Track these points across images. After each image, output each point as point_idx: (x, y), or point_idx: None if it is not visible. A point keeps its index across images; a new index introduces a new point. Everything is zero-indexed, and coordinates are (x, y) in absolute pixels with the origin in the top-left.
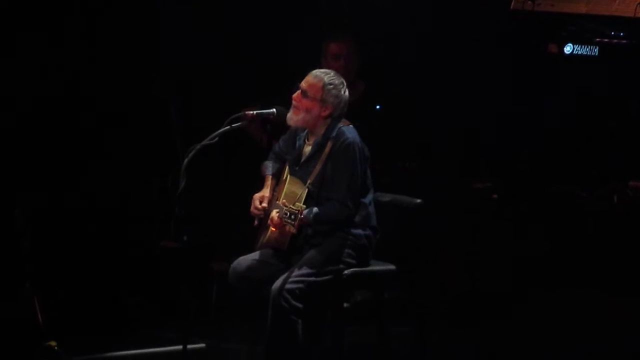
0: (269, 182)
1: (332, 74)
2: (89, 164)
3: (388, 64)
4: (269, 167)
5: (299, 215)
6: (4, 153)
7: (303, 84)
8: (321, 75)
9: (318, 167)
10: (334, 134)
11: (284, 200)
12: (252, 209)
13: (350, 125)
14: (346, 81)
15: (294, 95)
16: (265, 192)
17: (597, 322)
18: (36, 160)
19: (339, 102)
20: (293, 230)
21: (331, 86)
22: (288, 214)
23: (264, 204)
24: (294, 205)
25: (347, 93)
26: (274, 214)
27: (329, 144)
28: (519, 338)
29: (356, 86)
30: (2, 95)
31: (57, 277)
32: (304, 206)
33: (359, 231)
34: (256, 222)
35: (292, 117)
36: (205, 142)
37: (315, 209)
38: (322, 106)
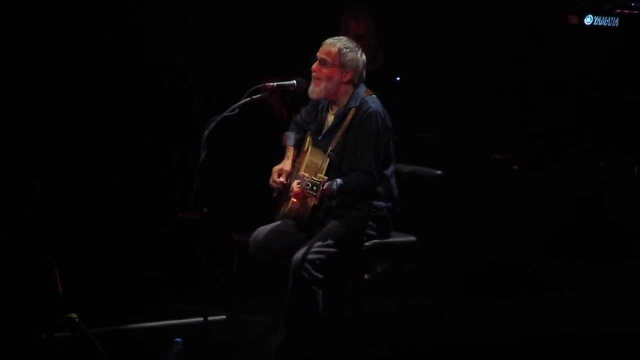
0: (289, 152)
1: (345, 39)
2: (110, 134)
3: (406, 35)
4: (290, 137)
5: (321, 187)
6: (22, 124)
7: (319, 54)
8: (335, 42)
9: (339, 135)
10: (357, 103)
11: (305, 173)
12: (270, 181)
13: (374, 95)
14: (368, 56)
15: (313, 67)
16: (285, 164)
17: (617, 293)
18: (55, 131)
19: (357, 65)
20: (315, 201)
21: (347, 49)
22: (310, 185)
23: (282, 179)
24: (315, 176)
25: (363, 56)
26: (295, 185)
27: (351, 113)
28: (540, 310)
29: (376, 58)
30: (19, 66)
31: (78, 248)
32: (326, 177)
33: (381, 203)
34: (275, 194)
35: (314, 90)
36: (226, 113)
37: (338, 180)
38: (343, 71)
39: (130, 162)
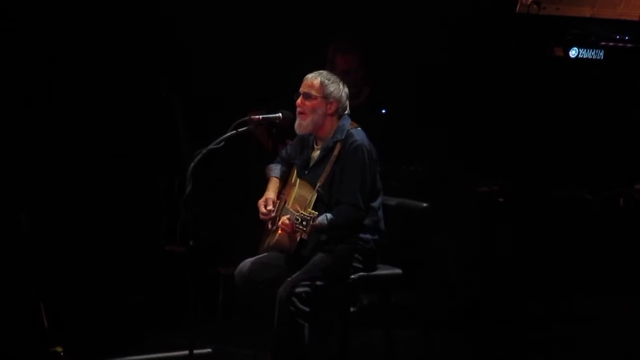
0: (272, 183)
1: (325, 72)
2: (95, 167)
3: (393, 67)
4: (274, 169)
5: (311, 222)
6: (9, 156)
7: (302, 88)
8: (316, 75)
9: (327, 170)
10: (342, 136)
11: (295, 207)
12: (260, 216)
13: (359, 128)
14: (354, 90)
15: (297, 102)
16: (268, 194)
17: (603, 325)
18: (41, 163)
19: (340, 95)
20: (305, 236)
21: (329, 81)
22: (299, 219)
23: (270, 207)
24: (304, 210)
25: (346, 88)
26: (285, 219)
27: (338, 147)
28: (526, 343)
29: (362, 91)
30: (6, 97)
31: (63, 281)
32: (316, 212)
33: (367, 235)
34: (270, 226)
35: (301, 124)
36: (212, 146)
37: (329, 215)
38: (327, 102)
39: (117, 195)
